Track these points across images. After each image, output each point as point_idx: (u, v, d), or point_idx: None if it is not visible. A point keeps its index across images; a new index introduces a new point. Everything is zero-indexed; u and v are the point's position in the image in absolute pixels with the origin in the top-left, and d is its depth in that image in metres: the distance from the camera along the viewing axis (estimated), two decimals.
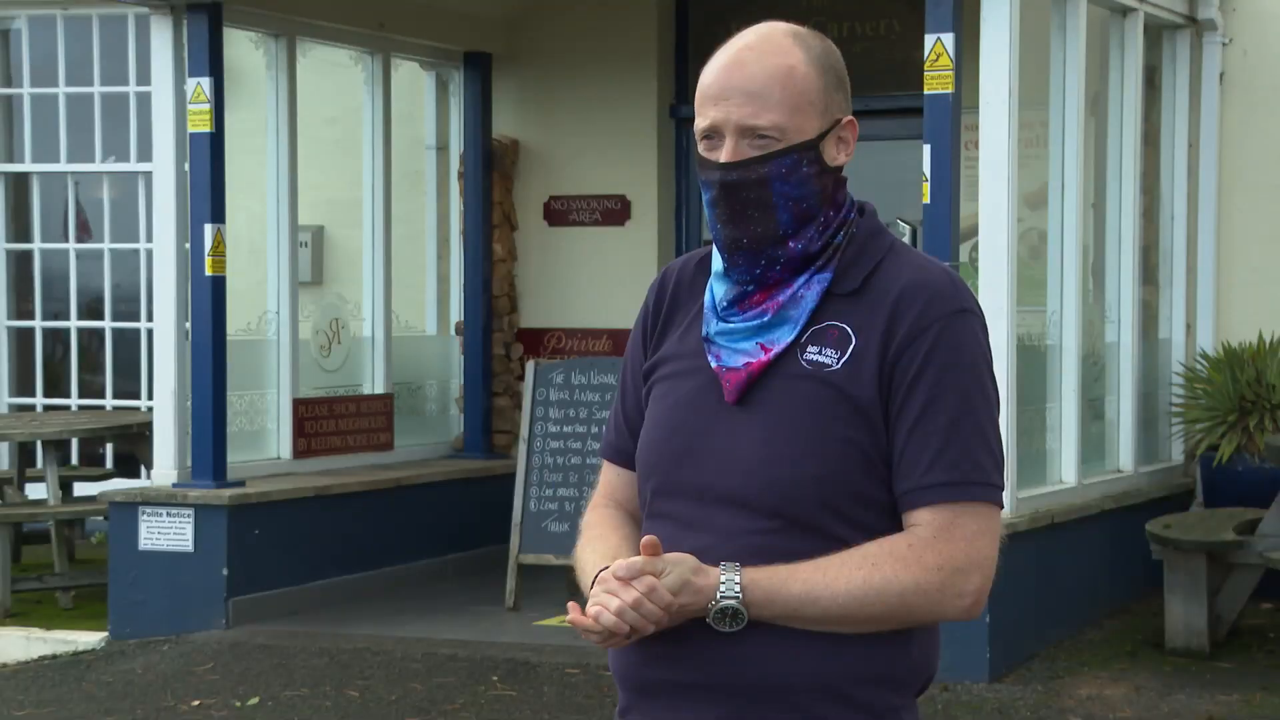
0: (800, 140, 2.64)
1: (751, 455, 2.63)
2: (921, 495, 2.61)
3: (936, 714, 7.44)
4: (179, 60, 9.34)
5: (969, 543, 2.62)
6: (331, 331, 10.60)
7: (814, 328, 2.66)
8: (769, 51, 2.66)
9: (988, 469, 2.63)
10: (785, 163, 2.64)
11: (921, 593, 2.59)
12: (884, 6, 10.83)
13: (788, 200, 2.65)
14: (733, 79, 2.65)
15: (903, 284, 2.65)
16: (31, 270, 12.55)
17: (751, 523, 2.62)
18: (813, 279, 2.68)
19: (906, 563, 2.58)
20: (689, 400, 2.71)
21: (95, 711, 7.84)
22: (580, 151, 11.47)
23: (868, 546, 2.59)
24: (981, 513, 2.64)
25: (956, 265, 8.10)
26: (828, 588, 2.56)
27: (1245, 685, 7.86)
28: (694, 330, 2.75)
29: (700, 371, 2.71)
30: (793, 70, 2.65)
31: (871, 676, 2.63)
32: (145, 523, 9.23)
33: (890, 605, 2.58)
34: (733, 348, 2.68)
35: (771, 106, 2.63)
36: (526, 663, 8.31)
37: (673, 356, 2.77)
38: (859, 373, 2.62)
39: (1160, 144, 10.15)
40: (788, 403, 2.63)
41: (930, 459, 2.60)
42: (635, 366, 2.85)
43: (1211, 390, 9.63)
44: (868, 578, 2.56)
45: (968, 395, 2.62)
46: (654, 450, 2.73)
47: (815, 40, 2.70)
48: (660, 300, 2.84)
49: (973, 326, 2.66)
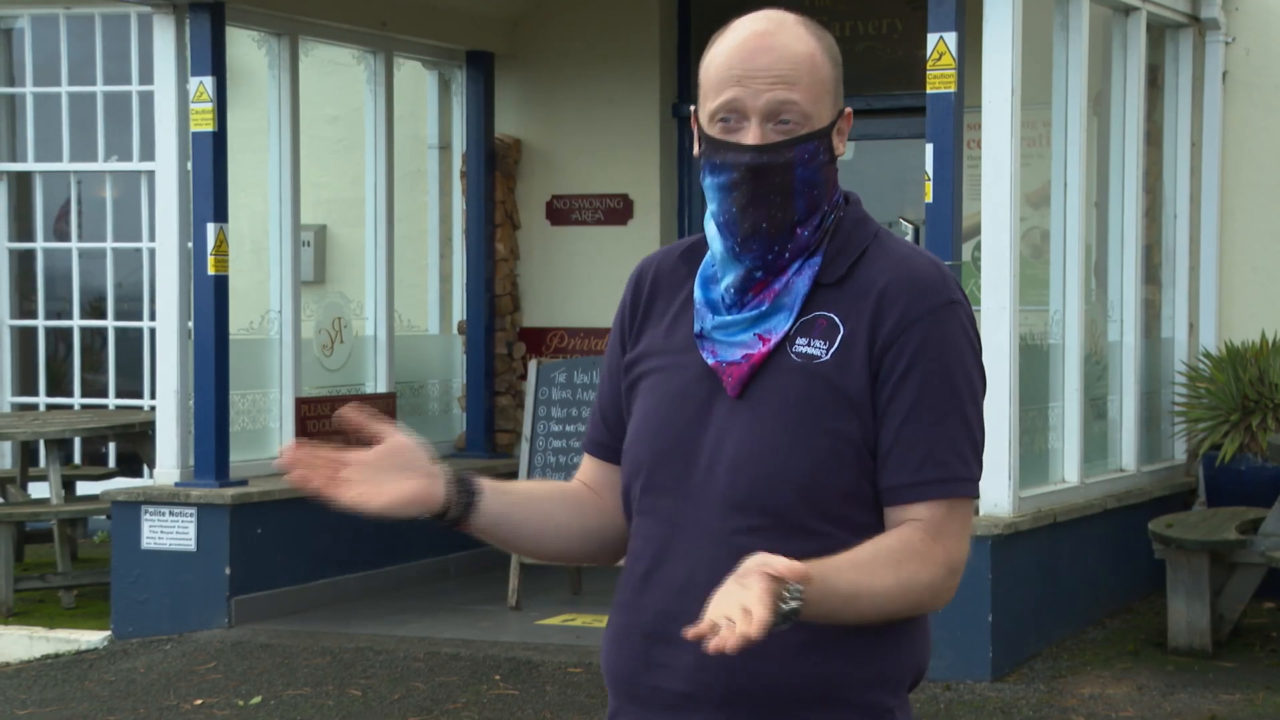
0: (820, 127, 2.64)
1: (739, 452, 2.61)
2: (917, 491, 2.60)
3: (939, 713, 7.44)
4: (181, 59, 9.34)
5: (958, 539, 2.63)
6: (334, 330, 10.61)
7: (803, 318, 2.65)
8: (792, 37, 2.64)
9: (972, 464, 2.64)
10: (808, 149, 2.63)
11: (933, 590, 2.59)
12: (886, 5, 10.83)
13: (806, 186, 2.64)
14: (760, 60, 2.62)
15: (889, 275, 2.63)
16: (34, 269, 12.55)
17: (739, 520, 2.60)
18: (804, 266, 2.67)
19: (924, 561, 2.57)
20: (677, 396, 2.69)
21: (98, 710, 7.85)
22: (582, 151, 11.47)
23: (886, 541, 2.57)
24: (966, 508, 2.64)
25: (959, 264, 8.10)
26: (869, 586, 2.53)
27: (1248, 685, 7.86)
28: (680, 325, 2.73)
29: (688, 367, 2.69)
30: (813, 57, 2.64)
31: (868, 678, 2.62)
32: (148, 522, 9.23)
33: (910, 602, 2.58)
34: (729, 341, 2.66)
35: (800, 90, 2.62)
36: (528, 662, 8.31)
37: (657, 351, 2.74)
38: (848, 362, 2.61)
39: (1163, 143, 10.15)
40: (778, 398, 2.62)
41: (923, 455, 2.59)
42: (613, 360, 2.82)
43: (1214, 389, 9.62)
44: (898, 576, 2.55)
45: (955, 389, 2.62)
46: (642, 447, 2.71)
47: (821, 30, 2.70)
48: (639, 294, 2.81)
49: (960, 316, 2.65)
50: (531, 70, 11.59)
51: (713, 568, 2.54)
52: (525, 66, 11.59)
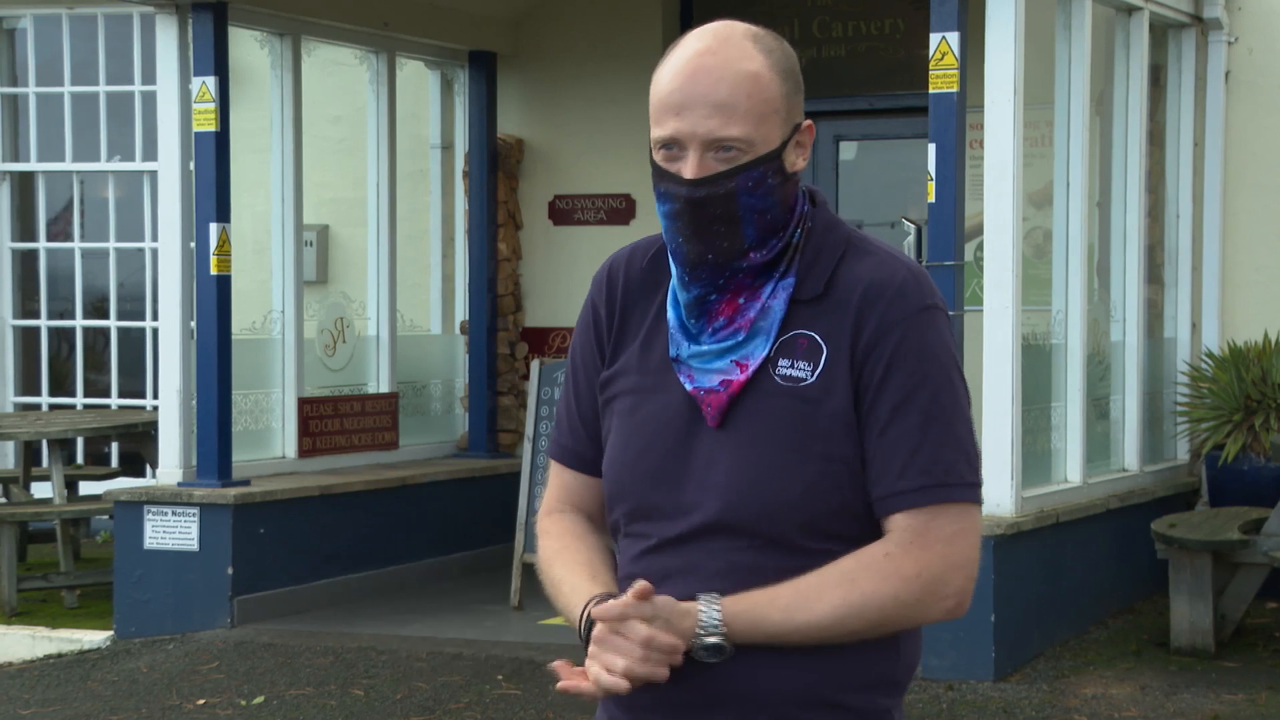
0: (766, 151, 2.55)
1: (729, 479, 2.57)
2: (896, 501, 2.55)
3: (942, 713, 7.44)
4: (184, 59, 9.35)
5: (946, 545, 2.55)
6: (336, 330, 10.61)
7: (783, 338, 2.59)
8: (731, 57, 2.54)
9: (960, 468, 2.56)
10: (753, 175, 2.55)
11: (901, 604, 2.54)
12: (889, 5, 10.82)
13: (753, 213, 2.57)
14: (696, 87, 2.54)
15: (865, 284, 2.57)
16: (37, 269, 12.56)
17: (730, 542, 2.57)
18: (778, 287, 2.60)
19: (885, 575, 2.52)
20: (658, 419, 2.63)
21: (100, 710, 7.85)
22: (585, 151, 11.47)
23: (844, 562, 2.54)
24: (957, 513, 2.56)
25: (961, 264, 8.10)
26: (808, 611, 2.51)
27: (1251, 685, 7.86)
28: (655, 342, 2.67)
29: (667, 390, 2.63)
30: (758, 78, 2.54)
31: (863, 682, 2.59)
32: (150, 522, 9.24)
33: (870, 620, 2.54)
34: (706, 368, 2.61)
35: (739, 118, 2.52)
36: (531, 662, 8.31)
37: (634, 370, 2.68)
38: (833, 383, 2.56)
39: (1165, 143, 10.15)
40: (765, 424, 2.57)
41: (902, 464, 2.54)
42: (590, 370, 2.76)
43: (1217, 389, 9.62)
44: (846, 596, 2.52)
45: (936, 395, 2.56)
46: (625, 472, 2.65)
47: (774, 42, 2.60)
48: (612, 301, 2.75)
49: (937, 322, 2.59)
50: (534, 70, 11.59)
51: (705, 586, 2.55)
52: (528, 66, 11.59)
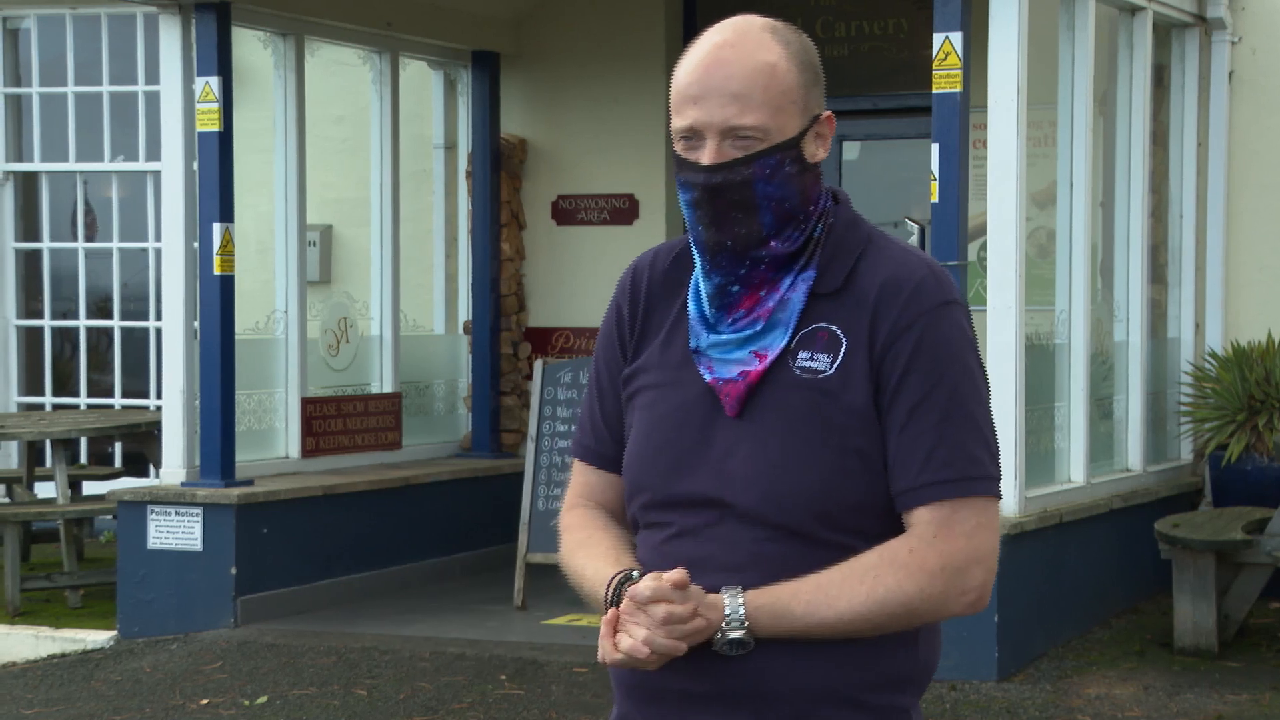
0: (783, 139, 2.60)
1: (749, 469, 2.60)
2: (918, 495, 2.58)
3: (945, 713, 7.44)
4: (187, 59, 9.35)
5: (968, 539, 2.58)
6: (339, 330, 10.61)
7: (802, 331, 2.62)
8: (749, 49, 2.61)
9: (983, 461, 2.60)
10: (769, 163, 2.60)
11: (925, 598, 2.56)
12: (892, 5, 10.82)
13: (770, 201, 2.61)
14: (713, 78, 2.59)
15: (883, 280, 2.61)
16: (40, 269, 12.56)
17: (750, 532, 2.60)
18: (797, 279, 2.64)
19: (909, 570, 2.55)
20: (679, 412, 2.67)
21: (104, 710, 7.85)
22: (588, 150, 11.47)
23: (868, 557, 2.57)
24: (978, 506, 2.59)
25: (965, 264, 8.09)
26: (831, 607, 2.54)
27: (1254, 685, 7.85)
28: (676, 338, 2.71)
29: (688, 383, 2.67)
30: (774, 68, 2.60)
31: (882, 680, 2.61)
32: (154, 522, 9.24)
33: (895, 614, 2.56)
34: (725, 358, 2.64)
35: (755, 106, 2.58)
36: (534, 662, 8.31)
37: (655, 366, 2.72)
38: (851, 377, 2.59)
39: (1169, 143, 10.15)
40: (784, 414, 2.60)
41: (924, 458, 2.57)
42: (613, 369, 2.79)
43: (1220, 389, 9.62)
44: (871, 591, 2.54)
45: (956, 389, 2.59)
46: (646, 463, 2.69)
47: (792, 35, 2.65)
48: (635, 301, 2.79)
49: (957, 317, 2.62)
50: (537, 70, 11.59)
51: (725, 579, 2.58)
52: (531, 66, 11.59)
